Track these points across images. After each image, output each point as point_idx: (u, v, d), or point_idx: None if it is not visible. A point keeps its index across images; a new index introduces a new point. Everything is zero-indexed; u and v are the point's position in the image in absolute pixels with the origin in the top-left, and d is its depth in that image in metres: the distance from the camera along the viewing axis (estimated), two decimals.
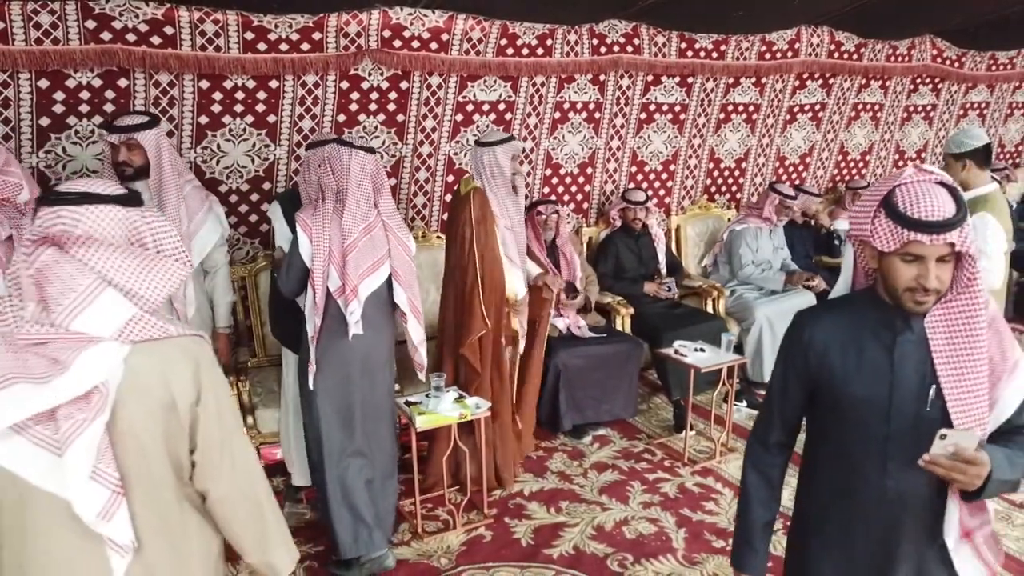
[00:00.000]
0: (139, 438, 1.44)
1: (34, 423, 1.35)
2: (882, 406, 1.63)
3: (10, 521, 1.40)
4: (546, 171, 5.04)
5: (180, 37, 3.64)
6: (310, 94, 4.06)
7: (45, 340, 1.37)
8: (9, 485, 1.37)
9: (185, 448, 1.51)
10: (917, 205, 1.51)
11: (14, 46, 3.35)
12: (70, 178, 3.69)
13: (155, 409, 1.44)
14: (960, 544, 1.65)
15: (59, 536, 1.41)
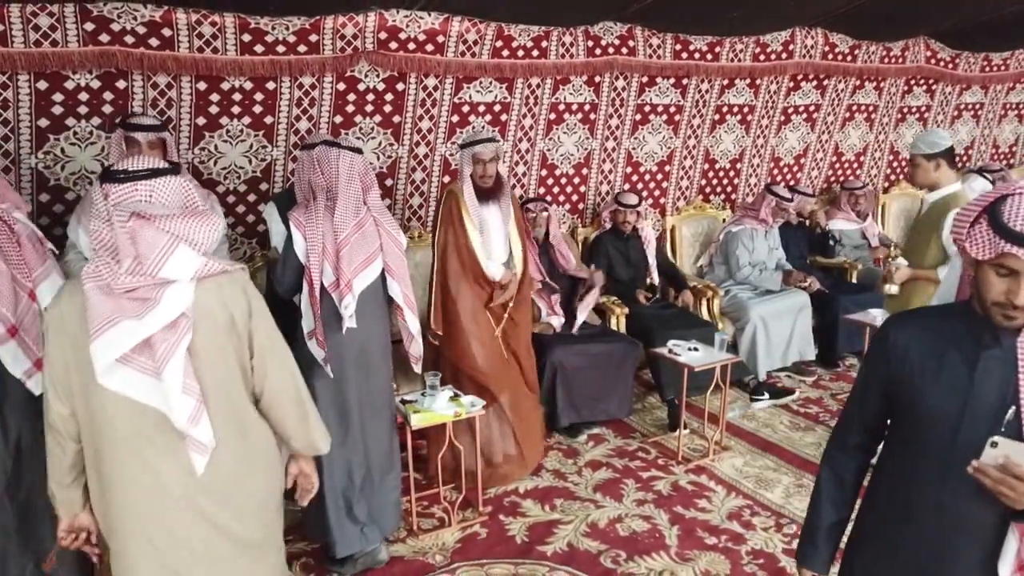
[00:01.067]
0: (211, 354, 1.85)
1: (136, 355, 1.77)
2: (953, 419, 1.56)
3: (123, 432, 1.83)
4: (541, 172, 5.08)
5: (178, 39, 3.67)
6: (307, 95, 4.10)
7: (138, 286, 1.76)
8: (122, 405, 1.79)
9: (246, 356, 1.92)
10: (1021, 217, 1.43)
11: (13, 48, 3.39)
12: (75, 176, 3.73)
13: (221, 328, 1.86)
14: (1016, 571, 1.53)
15: (157, 441, 1.84)
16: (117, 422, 1.83)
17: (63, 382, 1.85)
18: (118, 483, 1.87)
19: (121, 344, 1.74)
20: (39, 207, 3.71)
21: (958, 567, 1.57)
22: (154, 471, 1.85)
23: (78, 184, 3.76)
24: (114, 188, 1.78)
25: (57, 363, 1.85)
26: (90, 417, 1.85)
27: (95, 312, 1.74)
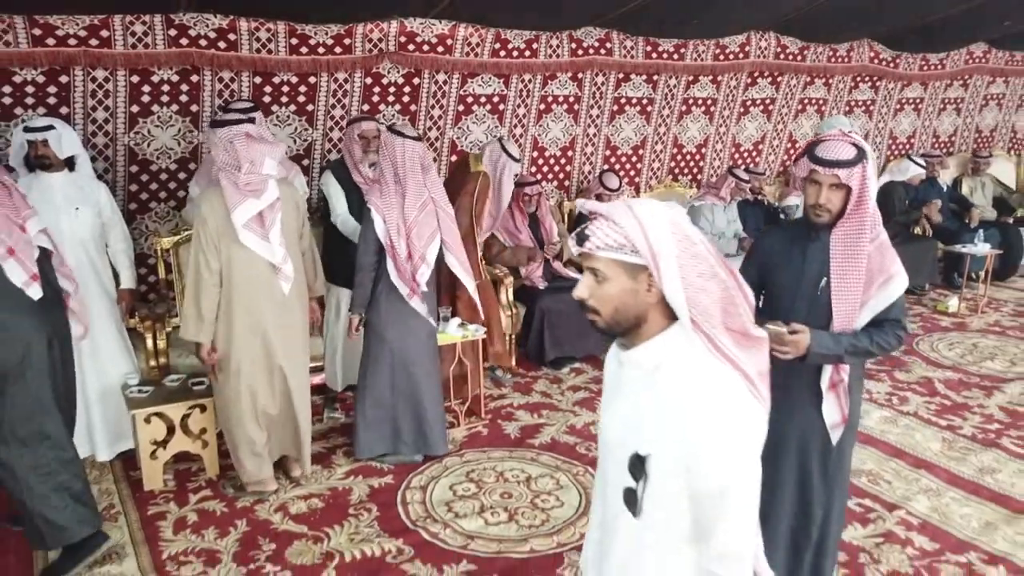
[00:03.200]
0: (288, 224, 3.42)
1: (254, 223, 3.30)
2: (792, 289, 2.50)
3: (242, 273, 3.37)
4: (533, 153, 6.01)
5: (240, 42, 4.59)
6: (340, 88, 5.02)
7: (251, 181, 3.29)
8: (245, 254, 3.30)
9: (299, 226, 3.55)
10: (822, 150, 2.37)
11: (115, 50, 4.31)
12: (157, 152, 4.66)
13: (291, 210, 3.47)
14: (828, 392, 2.50)
15: (263, 276, 3.41)
16: (239, 271, 3.36)
17: (215, 244, 3.32)
18: (236, 313, 3.40)
19: (248, 211, 3.30)
20: (130, 176, 4.63)
21: (799, 383, 2.51)
22: (259, 296, 3.42)
23: (160, 158, 4.68)
24: (232, 128, 3.31)
25: (212, 233, 3.32)
26: (227, 268, 3.37)
27: (231, 198, 3.29)
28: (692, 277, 1.36)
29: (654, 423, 1.39)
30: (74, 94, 4.35)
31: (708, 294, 1.37)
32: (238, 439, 3.60)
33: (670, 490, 1.38)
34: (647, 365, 1.43)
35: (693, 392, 1.36)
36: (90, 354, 3.86)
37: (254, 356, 3.51)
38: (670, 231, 1.37)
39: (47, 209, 3.66)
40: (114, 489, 3.79)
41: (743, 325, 1.41)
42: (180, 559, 3.22)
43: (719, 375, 1.37)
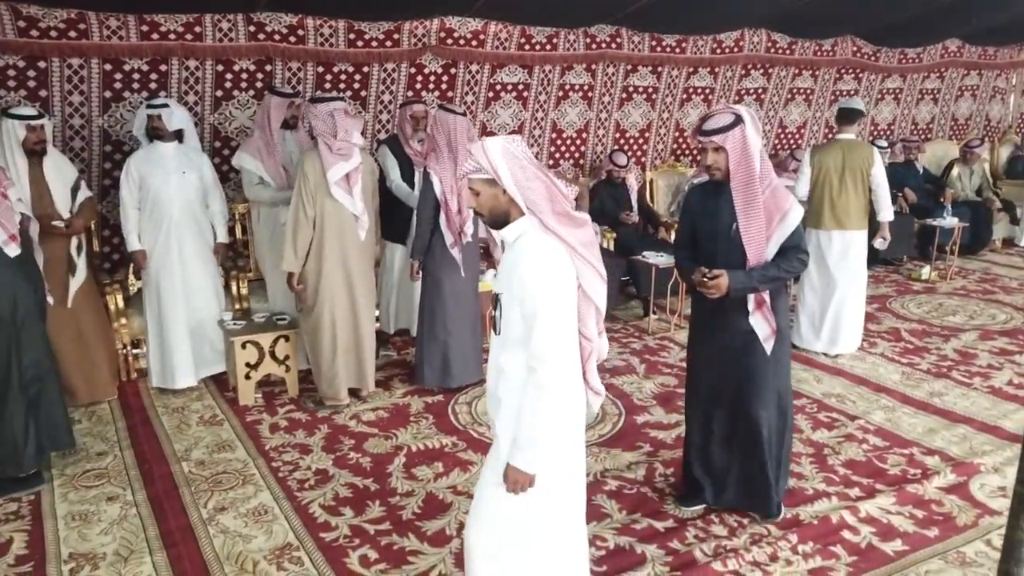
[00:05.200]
0: (366, 184, 4.35)
1: (343, 181, 4.21)
2: (713, 234, 3.16)
3: (332, 220, 4.26)
4: (552, 135, 6.82)
5: (307, 37, 5.40)
6: (389, 76, 5.83)
7: (343, 148, 4.17)
8: (334, 206, 4.21)
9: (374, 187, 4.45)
10: (705, 122, 3.04)
11: (205, 43, 5.13)
12: (236, 131, 5.48)
13: (367, 172, 4.37)
14: (755, 312, 3.11)
15: (348, 225, 4.30)
16: (329, 219, 4.23)
17: (312, 196, 4.18)
18: (326, 254, 4.26)
19: (339, 172, 4.17)
20: (214, 150, 5.44)
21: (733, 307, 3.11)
22: (343, 240, 4.28)
23: (239, 135, 5.50)
24: (332, 103, 4.23)
25: (311, 186, 4.17)
26: (320, 217, 4.21)
27: (326, 159, 4.16)
28: (522, 180, 2.14)
29: (506, 273, 2.22)
30: (171, 80, 5.17)
31: (534, 191, 2.15)
32: (321, 360, 4.43)
33: (511, 315, 2.18)
34: (509, 239, 2.23)
35: (525, 252, 2.15)
36: (184, 296, 4.68)
37: (338, 291, 4.35)
38: (502, 154, 2.14)
39: (160, 172, 4.52)
40: (214, 403, 4.62)
41: (564, 209, 2.17)
42: (279, 449, 4.04)
43: (542, 243, 2.15)
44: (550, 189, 2.16)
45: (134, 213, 4.56)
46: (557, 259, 2.15)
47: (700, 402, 3.38)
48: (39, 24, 4.68)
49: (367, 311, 4.51)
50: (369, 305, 4.54)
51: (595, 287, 2.27)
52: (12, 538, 3.25)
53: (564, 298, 2.16)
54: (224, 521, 3.37)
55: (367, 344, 4.53)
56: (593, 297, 2.28)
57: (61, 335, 4.34)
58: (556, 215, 2.16)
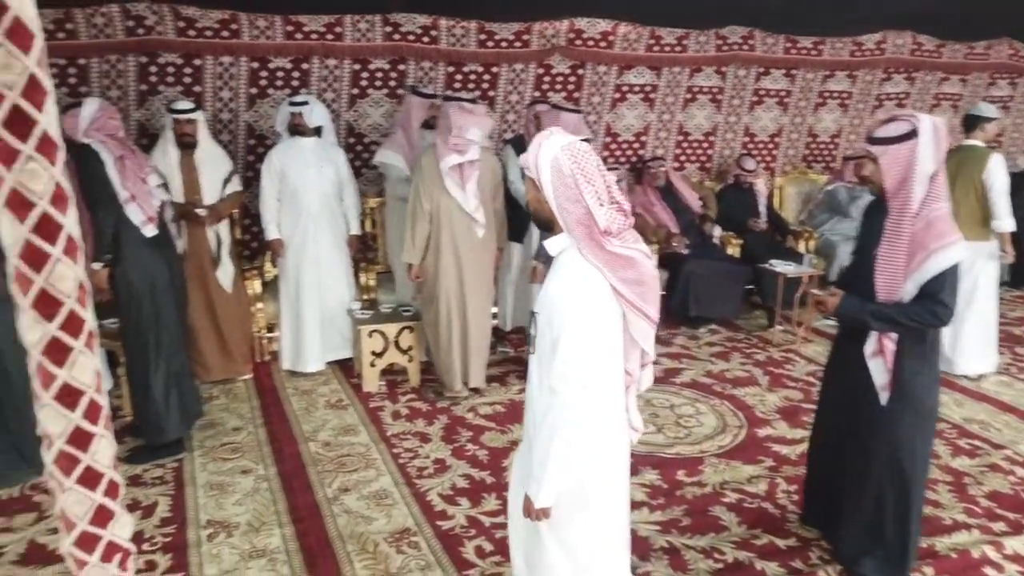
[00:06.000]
0: (485, 183, 4.38)
1: (453, 172, 4.27)
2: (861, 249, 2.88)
3: (447, 216, 4.35)
4: (678, 137, 6.71)
5: (440, 37, 5.53)
6: (518, 76, 5.89)
7: (459, 143, 4.24)
8: (448, 202, 4.30)
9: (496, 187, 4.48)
10: (880, 123, 2.85)
11: (344, 43, 5.34)
12: (369, 128, 5.67)
13: (488, 171, 4.42)
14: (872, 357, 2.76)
15: (464, 221, 4.36)
16: (444, 214, 4.31)
17: (428, 190, 4.28)
18: (442, 250, 4.34)
19: (451, 162, 4.25)
20: (348, 146, 5.66)
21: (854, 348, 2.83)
22: (457, 237, 4.35)
23: (371, 132, 5.70)
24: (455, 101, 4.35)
25: (426, 181, 4.29)
26: (436, 212, 4.32)
27: (440, 151, 4.27)
28: (561, 200, 1.98)
29: (544, 291, 2.08)
30: (311, 78, 5.42)
31: (570, 214, 1.97)
32: (439, 352, 4.52)
33: (545, 335, 2.04)
34: (552, 252, 2.09)
35: (560, 272, 2.03)
36: (317, 284, 4.89)
37: (452, 286, 4.43)
38: (550, 164, 1.97)
39: (300, 165, 4.75)
40: (340, 388, 4.80)
41: (600, 242, 1.97)
42: (400, 436, 4.15)
43: (579, 266, 2.00)
44: (588, 217, 1.96)
45: (274, 204, 4.80)
46: (591, 286, 1.99)
47: (819, 423, 3.21)
48: (196, 24, 5.00)
49: (478, 309, 4.54)
50: (481, 303, 4.56)
51: (639, 328, 2.08)
52: (157, 501, 3.49)
53: (593, 327, 2.00)
54: (347, 501, 3.49)
55: (474, 342, 4.56)
56: (636, 337, 2.10)
57: (202, 316, 4.66)
58: (590, 244, 1.98)
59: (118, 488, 1.28)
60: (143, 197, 3.79)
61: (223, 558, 3.08)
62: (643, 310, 2.04)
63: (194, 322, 4.62)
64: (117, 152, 3.73)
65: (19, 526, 3.30)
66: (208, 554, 3.10)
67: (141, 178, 3.82)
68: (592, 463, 2.10)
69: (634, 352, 2.14)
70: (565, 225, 2.01)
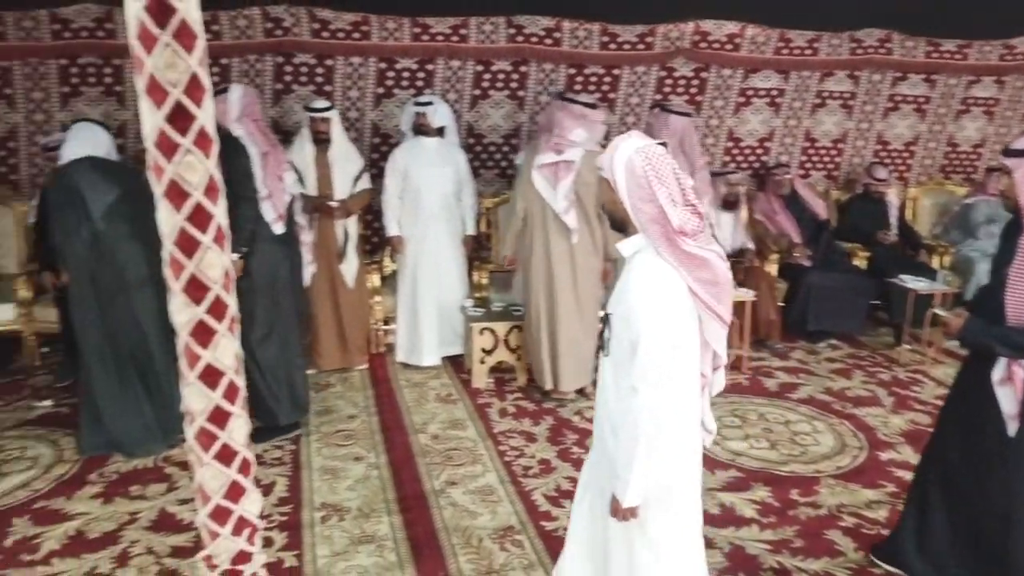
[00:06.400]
0: (586, 187, 4.25)
1: (546, 170, 4.29)
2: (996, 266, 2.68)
3: (540, 216, 4.35)
4: (804, 143, 6.46)
5: (562, 39, 5.54)
6: (639, 79, 5.83)
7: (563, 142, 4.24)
8: (541, 203, 4.31)
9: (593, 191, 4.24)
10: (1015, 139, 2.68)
11: (468, 44, 5.44)
12: (489, 128, 5.75)
13: (588, 172, 4.17)
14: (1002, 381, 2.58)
15: (556, 224, 4.34)
16: (536, 211, 4.34)
17: (524, 189, 4.37)
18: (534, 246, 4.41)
19: (545, 159, 4.28)
20: (468, 146, 5.75)
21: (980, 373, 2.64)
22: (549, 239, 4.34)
23: (491, 133, 5.79)
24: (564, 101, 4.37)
25: (524, 179, 4.35)
26: (528, 209, 4.37)
27: (540, 148, 4.32)
28: (635, 199, 2.00)
29: (618, 292, 2.11)
30: (435, 79, 5.55)
31: (643, 213, 1.99)
32: (530, 351, 4.60)
33: (620, 336, 2.06)
34: (626, 253, 2.11)
35: (636, 273, 2.04)
36: (434, 281, 5.01)
37: (542, 289, 4.47)
38: (624, 165, 2.00)
39: (422, 164, 4.87)
40: (450, 383, 4.90)
41: (674, 241, 1.98)
42: (507, 434, 4.19)
43: (656, 265, 2.01)
44: (662, 217, 1.99)
45: (396, 202, 4.95)
46: (669, 285, 2.01)
47: (933, 451, 2.95)
48: (330, 26, 5.22)
49: (569, 312, 4.46)
50: (573, 307, 4.47)
51: (712, 329, 2.07)
52: (276, 481, 3.66)
53: (673, 326, 2.00)
54: (454, 495, 3.56)
55: (562, 345, 4.49)
56: (708, 339, 2.09)
57: (324, 307, 4.86)
58: (665, 243, 2.00)
59: (250, 466, 1.35)
60: (277, 195, 4.00)
61: (334, 540, 3.19)
62: (716, 311, 2.04)
63: (316, 313, 4.84)
64: (263, 147, 3.95)
65: (152, 495, 3.53)
66: (321, 535, 3.22)
67: (278, 175, 4.03)
68: (674, 462, 2.12)
69: (707, 354, 2.14)
70: (639, 225, 2.04)
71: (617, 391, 2.10)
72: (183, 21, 1.09)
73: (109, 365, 3.82)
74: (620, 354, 2.07)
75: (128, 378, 3.85)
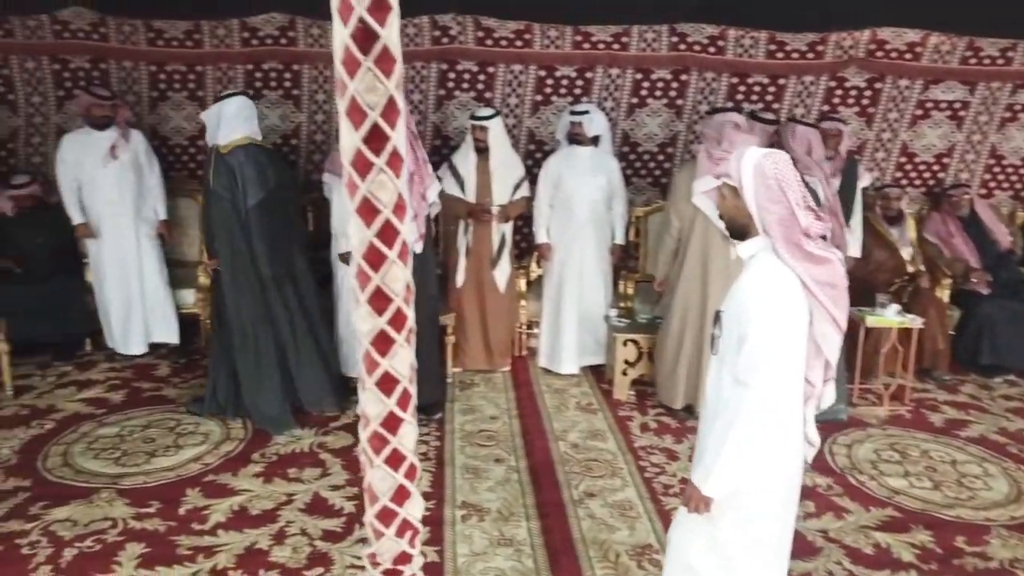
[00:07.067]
0: None
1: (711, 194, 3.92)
2: None
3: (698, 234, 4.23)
4: (989, 161, 5.95)
5: (726, 47, 5.39)
6: (806, 89, 5.58)
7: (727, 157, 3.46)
8: (700, 219, 4.16)
9: None
10: None
11: (629, 52, 5.40)
12: (645, 137, 5.70)
13: None
14: None
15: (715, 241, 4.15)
16: (697, 226, 4.21)
17: (678, 205, 4.28)
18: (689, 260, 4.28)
19: (708, 184, 4.03)
20: (622, 154, 5.71)
21: None
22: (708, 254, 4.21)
23: (646, 142, 5.73)
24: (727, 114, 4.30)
25: (677, 197, 4.29)
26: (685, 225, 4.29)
27: (701, 166, 4.14)
28: (763, 200, 2.05)
29: (733, 291, 2.17)
30: (593, 87, 5.55)
31: (771, 213, 2.04)
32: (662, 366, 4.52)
33: (730, 335, 2.11)
34: (744, 255, 2.17)
35: (753, 274, 2.10)
36: (578, 289, 5.01)
37: (692, 306, 4.33)
38: (753, 170, 2.05)
39: (575, 173, 4.90)
40: (591, 392, 4.89)
41: (798, 241, 2.02)
42: (647, 450, 4.13)
43: (774, 267, 2.05)
44: (790, 217, 2.05)
45: (546, 209, 5.00)
46: (786, 288, 2.05)
47: None
48: (494, 34, 5.33)
49: None
50: None
51: (825, 333, 2.09)
52: (421, 476, 3.78)
53: (784, 329, 2.04)
54: (592, 506, 3.55)
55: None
56: (821, 344, 2.10)
57: (472, 309, 5.00)
58: (787, 244, 2.05)
59: (416, 471, 1.40)
60: (421, 216, 4.08)
61: (474, 540, 3.26)
62: (832, 313, 2.07)
63: (463, 313, 4.97)
64: (410, 167, 4.10)
65: (307, 479, 3.75)
66: (461, 534, 3.31)
67: (422, 194, 4.12)
68: (766, 467, 2.10)
69: (817, 360, 2.13)
70: (763, 225, 2.09)
71: (720, 388, 2.16)
72: (385, 47, 1.14)
73: (249, 346, 4.13)
74: (728, 350, 2.14)
75: (266, 363, 4.16)
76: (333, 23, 1.18)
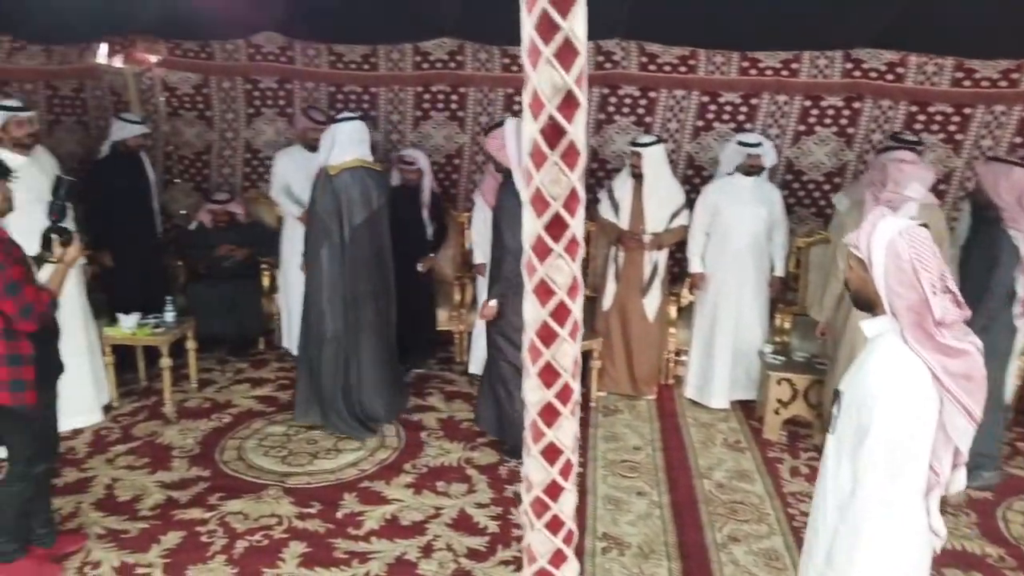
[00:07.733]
0: None
1: None
2: None
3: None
4: None
5: (906, 75, 5.09)
6: (995, 119, 5.16)
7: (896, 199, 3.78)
8: None
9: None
10: None
11: (799, 79, 5.21)
12: (810, 166, 5.49)
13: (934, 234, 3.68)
14: None
15: None
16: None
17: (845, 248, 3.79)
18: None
19: None
20: (785, 183, 5.52)
21: None
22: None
23: (811, 171, 5.52)
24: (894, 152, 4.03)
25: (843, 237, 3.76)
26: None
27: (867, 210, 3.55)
28: (892, 282, 1.89)
29: (854, 372, 2.04)
30: (758, 113, 5.41)
31: (900, 298, 1.88)
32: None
33: (851, 417, 1.97)
34: (869, 333, 2.01)
35: (878, 358, 1.93)
36: (735, 322, 4.91)
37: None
38: (885, 246, 1.90)
39: (736, 202, 4.83)
40: (739, 429, 4.77)
41: (929, 332, 1.85)
42: (797, 496, 3.99)
43: (902, 354, 1.88)
44: (922, 304, 1.87)
45: (702, 238, 4.92)
46: (913, 380, 1.88)
47: None
48: (657, 59, 5.32)
49: None
50: None
51: (956, 424, 1.91)
52: None
53: (909, 417, 1.88)
54: (736, 552, 3.48)
55: None
56: (951, 433, 1.92)
57: (617, 334, 5.02)
58: (917, 331, 1.88)
59: (573, 537, 1.45)
60: None
61: (613, 574, 3.28)
62: (965, 404, 1.90)
63: (609, 338, 4.98)
64: None
65: (455, 493, 3.90)
66: (601, 567, 3.34)
67: None
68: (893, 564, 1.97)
69: (947, 449, 1.97)
70: (891, 308, 1.94)
71: (837, 471, 2.05)
72: (571, 143, 1.20)
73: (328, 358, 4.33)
74: (845, 435, 2.02)
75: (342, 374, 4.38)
76: (524, 117, 1.24)
